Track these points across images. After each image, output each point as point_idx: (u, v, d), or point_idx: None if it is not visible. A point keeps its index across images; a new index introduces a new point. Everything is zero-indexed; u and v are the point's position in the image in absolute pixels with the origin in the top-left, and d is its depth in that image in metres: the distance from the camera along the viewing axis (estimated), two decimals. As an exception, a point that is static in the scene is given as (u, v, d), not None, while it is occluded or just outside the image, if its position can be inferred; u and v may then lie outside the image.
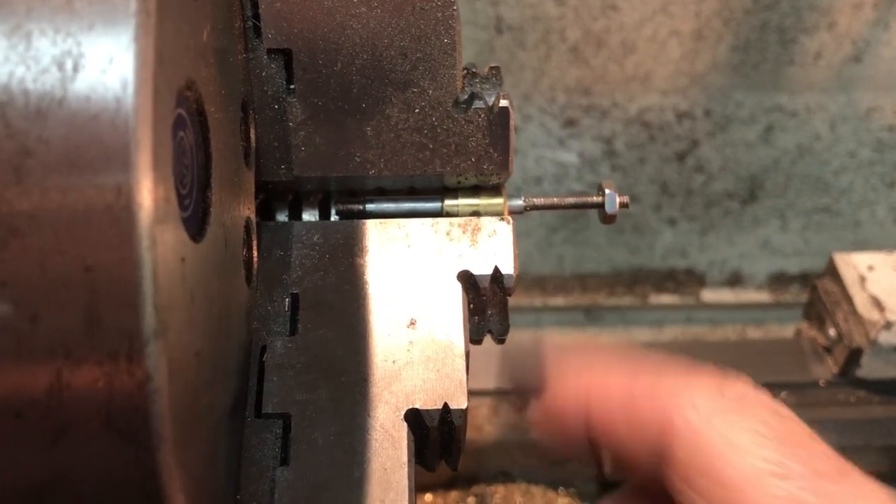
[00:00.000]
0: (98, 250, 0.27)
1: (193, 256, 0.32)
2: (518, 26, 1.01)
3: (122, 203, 0.27)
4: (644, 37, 1.03)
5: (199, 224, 0.34)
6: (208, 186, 0.35)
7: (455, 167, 0.45)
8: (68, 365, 0.28)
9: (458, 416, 0.41)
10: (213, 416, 0.35)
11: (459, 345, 0.42)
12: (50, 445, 0.29)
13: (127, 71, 0.27)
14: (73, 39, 0.27)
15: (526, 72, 1.05)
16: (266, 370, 0.41)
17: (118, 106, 0.27)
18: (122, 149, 0.27)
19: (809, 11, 1.02)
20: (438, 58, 0.43)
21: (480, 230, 0.45)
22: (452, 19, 0.42)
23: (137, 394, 0.28)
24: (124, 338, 0.27)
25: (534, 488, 0.87)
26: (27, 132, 0.27)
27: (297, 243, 0.45)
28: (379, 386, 0.41)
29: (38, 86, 0.27)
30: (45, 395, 0.28)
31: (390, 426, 0.40)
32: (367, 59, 0.42)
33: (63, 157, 0.27)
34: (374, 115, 0.43)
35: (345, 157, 0.44)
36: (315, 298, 0.43)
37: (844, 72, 1.07)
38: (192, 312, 0.32)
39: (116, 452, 0.29)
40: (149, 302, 0.27)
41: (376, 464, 0.39)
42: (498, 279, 0.45)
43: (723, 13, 1.01)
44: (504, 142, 0.44)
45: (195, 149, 0.34)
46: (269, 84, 0.43)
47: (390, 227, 0.45)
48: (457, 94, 0.43)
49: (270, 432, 0.40)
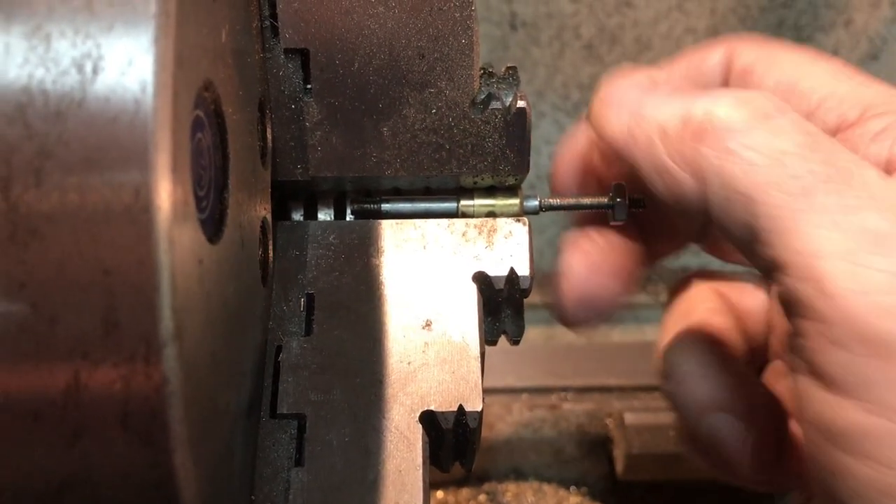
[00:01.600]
0: (116, 252, 0.27)
1: (210, 258, 0.32)
2: (532, 23, 1.01)
3: (141, 205, 0.27)
4: (659, 34, 1.02)
5: (216, 225, 0.34)
6: (225, 188, 0.35)
7: (471, 168, 0.44)
8: (86, 367, 0.28)
9: (473, 418, 0.40)
10: (229, 416, 0.36)
11: (475, 347, 0.42)
12: (67, 447, 0.29)
13: (146, 73, 0.27)
14: (92, 41, 0.27)
15: (540, 68, 1.05)
16: (281, 370, 0.41)
17: (137, 108, 0.27)
18: (140, 151, 0.27)
19: (826, 9, 1.01)
20: (456, 58, 0.42)
21: (496, 231, 0.45)
22: (470, 20, 0.42)
23: (154, 396, 0.28)
24: (142, 340, 0.27)
25: (546, 486, 0.86)
26: (47, 133, 0.27)
27: (313, 243, 0.45)
28: (394, 387, 0.41)
29: (57, 87, 0.27)
30: (62, 396, 0.28)
31: (405, 428, 0.40)
32: (385, 60, 0.42)
33: (82, 158, 0.27)
34: (391, 115, 0.43)
35: (361, 158, 0.44)
36: (330, 299, 0.43)
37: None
38: (209, 314, 0.32)
39: (133, 454, 0.29)
40: (166, 304, 0.27)
41: (391, 465, 0.39)
42: (513, 280, 0.44)
43: (738, 10, 1.01)
44: (521, 142, 0.44)
45: (213, 150, 0.34)
46: (286, 84, 0.43)
47: (406, 227, 0.45)
48: (474, 95, 0.43)
49: (285, 433, 0.40)
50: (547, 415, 0.86)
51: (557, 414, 0.86)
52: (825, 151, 0.38)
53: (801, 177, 0.37)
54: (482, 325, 0.43)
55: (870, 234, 0.35)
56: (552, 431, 0.86)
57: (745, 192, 0.37)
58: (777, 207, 0.37)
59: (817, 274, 0.35)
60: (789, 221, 0.36)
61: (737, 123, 0.38)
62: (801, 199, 0.36)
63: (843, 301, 0.35)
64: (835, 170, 0.37)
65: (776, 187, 0.37)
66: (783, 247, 0.37)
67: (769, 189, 0.37)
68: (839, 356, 0.35)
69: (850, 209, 0.36)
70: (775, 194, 0.37)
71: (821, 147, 0.38)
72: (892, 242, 0.35)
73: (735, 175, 0.38)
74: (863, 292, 0.35)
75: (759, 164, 0.37)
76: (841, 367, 0.35)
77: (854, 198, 0.36)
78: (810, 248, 0.36)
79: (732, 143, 0.38)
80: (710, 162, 0.38)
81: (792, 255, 0.36)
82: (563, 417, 0.86)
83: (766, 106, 0.39)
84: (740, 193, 0.38)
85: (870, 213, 0.36)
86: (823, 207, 0.36)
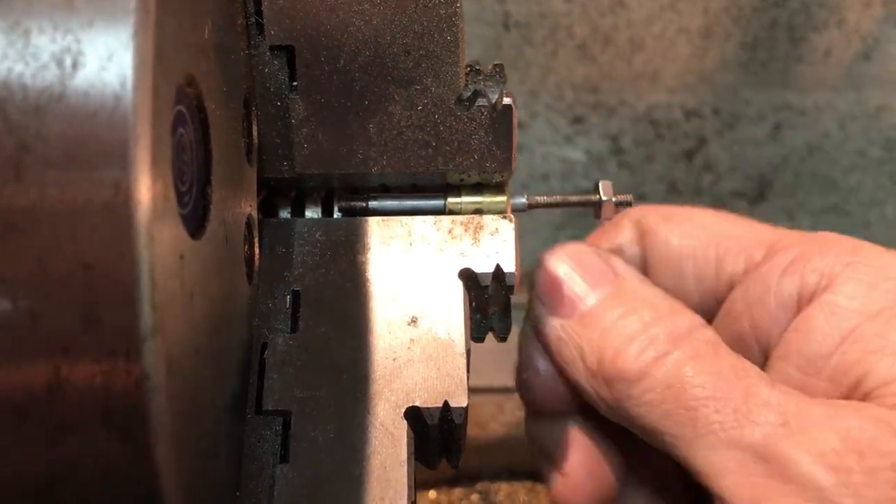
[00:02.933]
0: (96, 247, 0.27)
1: (192, 253, 0.32)
2: (525, 23, 1.01)
3: (120, 200, 0.27)
4: (652, 34, 1.02)
5: (198, 221, 0.34)
6: (208, 183, 0.35)
7: (458, 165, 0.44)
8: (67, 362, 0.28)
9: (459, 414, 0.40)
10: (213, 413, 0.35)
11: (460, 343, 0.42)
12: (50, 443, 0.29)
13: (126, 68, 0.27)
14: (72, 36, 0.27)
15: (533, 68, 1.05)
16: (266, 367, 0.41)
17: (117, 103, 0.27)
18: (120, 145, 0.27)
19: (819, 8, 1.01)
20: (441, 55, 0.42)
21: (483, 228, 0.45)
22: (455, 16, 0.42)
23: (135, 391, 0.28)
24: (122, 335, 0.27)
25: (538, 486, 0.86)
26: (26, 128, 0.27)
27: (299, 240, 0.45)
28: (379, 383, 0.41)
29: (37, 82, 0.27)
30: (44, 392, 0.28)
31: (390, 424, 0.40)
32: (370, 56, 0.42)
33: (62, 153, 0.27)
34: (377, 112, 0.43)
35: (347, 155, 0.44)
36: (316, 296, 0.43)
37: (854, 70, 1.06)
38: (191, 310, 0.31)
39: (116, 450, 0.29)
40: (146, 299, 0.27)
41: (376, 461, 0.39)
42: (500, 277, 0.44)
43: (731, 10, 1.01)
44: (507, 140, 0.44)
45: (195, 145, 0.34)
46: (271, 81, 0.43)
47: (392, 224, 0.45)
48: (460, 92, 0.43)
49: (270, 429, 0.40)
50: (540, 414, 0.86)
51: (550, 413, 0.86)
52: (718, 373, 0.42)
53: (694, 408, 0.41)
54: (468, 322, 0.43)
55: (758, 444, 0.39)
56: (545, 431, 0.86)
57: (649, 426, 0.43)
58: (676, 438, 0.42)
59: (717, 491, 0.40)
60: (685, 451, 0.41)
61: (643, 371, 0.43)
62: (691, 428, 0.41)
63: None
64: (720, 384, 0.41)
65: (672, 419, 0.42)
66: (688, 466, 0.42)
67: (667, 423, 0.42)
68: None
69: (736, 427, 0.40)
70: (672, 427, 0.42)
71: (713, 368, 0.42)
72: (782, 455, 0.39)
73: (638, 415, 0.43)
74: (756, 500, 0.39)
75: (656, 403, 0.42)
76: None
77: (739, 407, 0.40)
78: (706, 470, 0.41)
79: (636, 390, 0.43)
80: (619, 403, 0.44)
81: (695, 473, 0.42)
82: (555, 417, 0.86)
83: (667, 345, 0.43)
84: (644, 429, 0.43)
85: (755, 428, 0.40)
86: (712, 430, 0.40)
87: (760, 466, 0.39)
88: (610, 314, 0.44)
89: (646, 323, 0.43)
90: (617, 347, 0.43)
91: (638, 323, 0.44)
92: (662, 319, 0.43)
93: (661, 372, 0.42)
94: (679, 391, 0.41)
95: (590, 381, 0.45)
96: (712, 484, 0.40)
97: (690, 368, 0.42)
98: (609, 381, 0.44)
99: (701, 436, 0.40)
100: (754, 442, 0.39)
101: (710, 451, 0.40)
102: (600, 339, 0.44)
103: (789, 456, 0.38)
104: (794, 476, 0.38)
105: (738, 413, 0.40)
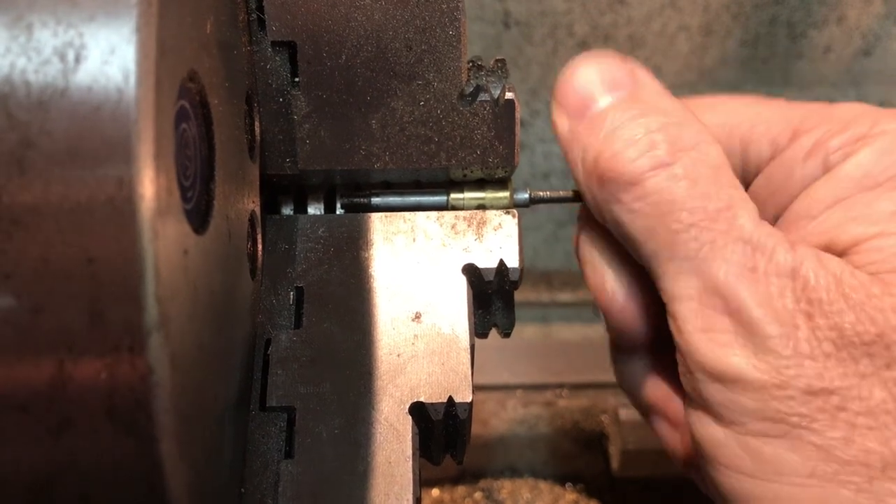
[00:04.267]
0: (100, 242, 0.27)
1: (196, 248, 0.32)
2: (525, 21, 1.01)
3: (124, 195, 0.27)
4: (652, 31, 1.02)
5: (202, 216, 0.34)
6: (212, 179, 0.35)
7: (460, 160, 0.44)
8: (71, 357, 0.28)
9: (463, 409, 0.40)
10: (217, 408, 0.35)
11: (464, 338, 0.42)
12: (54, 438, 0.29)
13: (129, 62, 0.27)
14: (74, 30, 0.27)
15: (533, 67, 1.05)
16: (270, 363, 0.41)
17: (120, 97, 0.27)
18: (123, 140, 0.27)
19: (818, 5, 1.01)
20: (443, 50, 0.42)
21: (486, 224, 0.45)
22: (457, 11, 0.42)
23: (140, 386, 0.28)
24: (126, 330, 0.27)
25: (542, 484, 0.86)
26: (29, 123, 0.27)
27: (302, 237, 0.45)
28: (383, 379, 0.41)
29: (39, 77, 0.27)
30: (48, 387, 0.28)
31: (395, 419, 0.40)
32: (372, 52, 0.42)
33: (65, 148, 0.27)
34: (379, 107, 0.43)
35: (350, 151, 0.44)
36: (320, 292, 0.43)
37: (854, 66, 1.06)
38: (195, 305, 0.31)
39: (120, 445, 0.29)
40: (150, 294, 0.27)
41: (381, 457, 0.39)
42: (503, 272, 0.44)
43: (731, 8, 1.01)
44: (509, 135, 0.44)
45: (198, 141, 0.34)
46: (273, 77, 0.43)
47: (395, 220, 0.45)
48: (462, 87, 0.43)
49: (275, 425, 0.40)
50: (542, 411, 0.86)
51: (553, 411, 0.86)
52: (709, 198, 0.41)
53: (675, 231, 0.41)
54: (472, 317, 0.43)
55: (720, 280, 0.40)
56: (547, 428, 0.86)
57: (630, 235, 0.43)
58: (652, 253, 0.42)
59: (672, 311, 0.42)
60: (657, 267, 0.42)
61: (635, 176, 0.42)
62: (669, 249, 0.41)
63: (689, 337, 0.41)
64: (708, 211, 0.41)
65: (653, 234, 0.42)
66: (656, 281, 0.43)
67: (648, 236, 0.42)
68: (690, 381, 0.42)
69: (707, 258, 0.40)
70: (651, 242, 0.42)
71: (705, 191, 0.41)
72: (736, 290, 0.40)
73: (623, 221, 0.43)
74: (703, 330, 0.40)
75: (642, 214, 0.42)
76: (692, 389, 0.42)
77: (717, 239, 0.40)
78: (669, 291, 0.42)
79: (626, 195, 0.42)
80: (608, 205, 0.43)
81: (660, 290, 0.43)
82: (558, 414, 0.86)
83: (668, 156, 0.42)
84: (626, 237, 0.43)
85: (723, 259, 0.40)
86: (687, 256, 0.41)
87: (717, 301, 0.40)
88: (619, 115, 0.43)
89: (650, 130, 0.42)
90: (616, 149, 0.42)
91: (642, 128, 0.42)
92: (668, 128, 0.42)
93: (652, 183, 0.41)
94: (666, 211, 0.41)
95: (585, 179, 0.44)
96: (670, 304, 0.42)
97: (683, 189, 0.41)
98: (602, 180, 0.43)
99: (675, 259, 0.41)
100: (717, 277, 0.40)
101: (678, 273, 0.41)
102: (603, 139, 0.43)
103: (743, 301, 0.39)
104: (744, 320, 0.39)
105: (714, 245, 0.40)
